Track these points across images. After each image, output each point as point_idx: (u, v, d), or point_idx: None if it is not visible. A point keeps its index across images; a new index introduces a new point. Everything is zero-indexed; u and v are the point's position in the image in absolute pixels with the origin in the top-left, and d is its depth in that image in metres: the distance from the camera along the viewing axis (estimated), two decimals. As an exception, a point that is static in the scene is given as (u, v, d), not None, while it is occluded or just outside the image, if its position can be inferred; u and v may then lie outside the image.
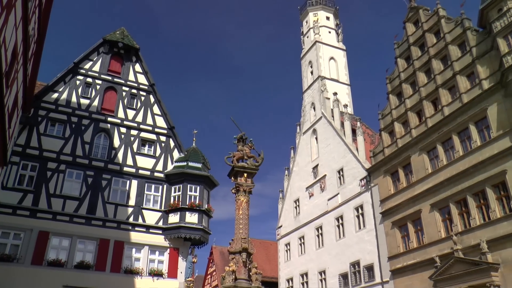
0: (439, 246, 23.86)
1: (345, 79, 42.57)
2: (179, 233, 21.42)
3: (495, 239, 20.64)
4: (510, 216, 20.33)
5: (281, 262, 40.07)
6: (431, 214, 24.88)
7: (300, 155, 41.10)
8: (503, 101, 21.74)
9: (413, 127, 27.67)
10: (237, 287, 13.12)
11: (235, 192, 14.96)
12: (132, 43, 25.03)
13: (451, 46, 25.73)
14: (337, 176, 34.64)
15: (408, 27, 30.14)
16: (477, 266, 20.90)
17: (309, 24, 45.19)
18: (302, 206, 38.73)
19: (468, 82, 24.41)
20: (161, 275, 20.92)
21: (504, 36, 22.02)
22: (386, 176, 29.30)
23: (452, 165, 24.04)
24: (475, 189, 22.42)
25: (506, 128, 21.35)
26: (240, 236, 14.07)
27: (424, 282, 23.93)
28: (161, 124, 24.21)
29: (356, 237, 30.96)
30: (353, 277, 30.42)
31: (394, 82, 30.69)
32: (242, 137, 15.86)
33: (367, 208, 30.57)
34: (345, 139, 34.66)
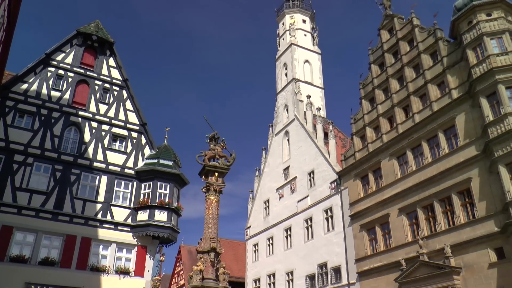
0: (405, 250, 24.37)
1: (319, 82, 42.98)
2: (148, 231, 21.18)
3: (458, 244, 21.26)
4: (473, 222, 20.97)
5: (249, 263, 40.12)
6: (399, 218, 25.39)
7: (271, 156, 41.26)
8: (471, 111, 22.40)
9: (384, 133, 28.16)
10: (204, 287, 13.08)
11: (206, 191, 14.93)
12: (106, 37, 24.59)
13: (423, 55, 26.31)
14: (307, 178, 34.92)
15: (383, 34, 30.66)
16: (441, 269, 21.48)
17: (286, 26, 45.42)
18: (271, 207, 38.88)
19: (439, 91, 25.02)
20: (128, 273, 20.65)
21: (473, 48, 22.68)
22: (356, 179, 29.72)
23: (421, 171, 24.60)
24: (441, 195, 23.02)
25: (472, 137, 22.02)
26: (209, 235, 14.05)
27: (389, 284, 24.39)
28: (133, 120, 23.86)
29: (324, 239, 31.28)
30: (320, 278, 30.74)
31: (367, 88, 31.17)
32: (214, 136, 15.84)
33: (336, 211, 30.93)
34: (317, 142, 34.98)
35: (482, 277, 19.99)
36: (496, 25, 22.28)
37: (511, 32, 22.16)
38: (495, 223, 19.90)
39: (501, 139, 19.79)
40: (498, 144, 19.89)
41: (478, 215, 20.80)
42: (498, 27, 22.21)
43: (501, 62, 21.16)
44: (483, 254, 20.18)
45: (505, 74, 20.79)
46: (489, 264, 19.84)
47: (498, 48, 21.71)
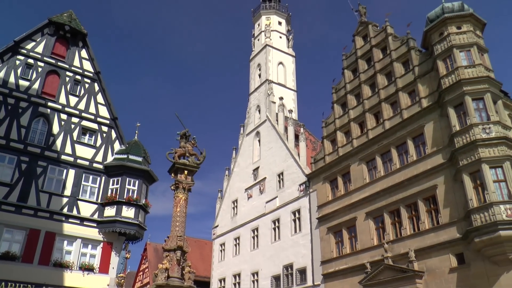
0: (370, 253, 24.82)
1: (292, 84, 43.30)
2: (114, 227, 20.88)
3: (422, 249, 21.82)
4: (437, 228, 21.58)
5: (214, 262, 39.99)
6: (366, 222, 25.84)
7: (241, 156, 41.27)
8: (439, 120, 23.04)
9: (354, 138, 28.60)
10: (169, 285, 13.03)
11: (174, 189, 14.91)
12: (79, 28, 24.06)
13: (396, 63, 26.88)
14: (277, 180, 35.11)
15: (357, 40, 31.14)
16: (404, 273, 21.98)
17: (261, 27, 45.54)
18: (240, 207, 38.89)
19: (409, 99, 25.60)
20: (92, 270, 20.28)
21: (443, 59, 23.32)
22: (325, 183, 30.08)
23: (389, 176, 25.12)
24: (408, 201, 23.57)
25: (439, 146, 22.64)
26: (176, 233, 14.00)
27: (354, 286, 24.79)
28: (104, 114, 23.43)
29: (291, 241, 31.51)
30: (285, 279, 30.94)
31: (339, 92, 31.58)
32: (185, 134, 15.83)
33: (304, 213, 31.22)
34: (287, 144, 35.21)
35: (443, 281, 20.60)
36: (465, 38, 22.99)
37: (479, 46, 22.92)
38: (457, 229, 20.53)
39: (466, 149, 20.43)
40: (463, 154, 20.52)
41: (442, 221, 21.42)
42: (467, 40, 22.92)
43: (468, 74, 21.82)
44: (445, 259, 20.79)
45: (472, 86, 21.47)
46: (449, 269, 20.47)
47: (466, 61, 22.39)
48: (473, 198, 19.58)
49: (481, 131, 20.26)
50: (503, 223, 18.19)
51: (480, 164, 19.62)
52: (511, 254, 18.11)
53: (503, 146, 19.81)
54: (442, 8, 23.97)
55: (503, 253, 18.28)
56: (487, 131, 20.20)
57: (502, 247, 18.24)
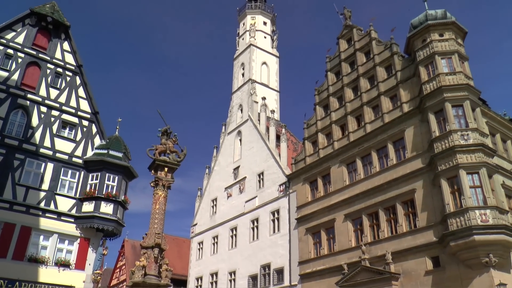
0: (348, 254, 25.07)
1: (275, 85, 43.43)
2: (92, 223, 20.62)
3: (399, 252, 22.16)
4: (415, 231, 21.93)
5: (192, 260, 39.82)
6: (344, 224, 26.08)
7: (222, 155, 41.19)
8: (420, 125, 23.40)
9: (335, 140, 28.83)
10: (145, 283, 12.99)
11: (154, 185, 14.92)
12: (62, 19, 23.65)
13: (379, 67, 27.19)
14: (257, 179, 35.15)
15: (341, 43, 31.39)
16: (381, 275, 22.28)
17: (246, 27, 45.51)
18: (219, 206, 38.81)
19: (391, 104, 25.92)
20: (68, 266, 19.98)
21: (425, 65, 23.68)
22: (305, 184, 30.24)
23: (369, 179, 25.40)
24: (386, 204, 23.88)
25: (419, 151, 23.01)
26: (154, 231, 13.99)
27: (330, 287, 25.00)
28: (85, 108, 23.08)
29: (269, 241, 31.60)
30: (262, 279, 31.01)
31: (322, 94, 31.78)
32: (166, 131, 15.85)
33: (283, 213, 31.33)
34: (268, 144, 35.28)
35: (418, 283, 20.95)
36: (447, 46, 23.40)
37: (460, 54, 23.35)
38: (434, 233, 20.91)
39: (444, 154, 20.81)
40: (442, 159, 20.90)
41: (419, 225, 21.78)
42: (449, 47, 23.33)
43: (449, 81, 22.23)
44: (421, 262, 21.15)
45: (452, 93, 21.88)
46: (425, 272, 20.83)
47: (447, 68, 22.80)
48: (450, 203, 19.96)
49: (459, 138, 20.66)
50: (477, 228, 18.60)
51: (458, 170, 20.02)
52: (484, 258, 18.50)
53: (480, 153, 20.25)
54: (426, 15, 24.36)
55: (477, 257, 18.70)
56: (465, 137, 20.61)
57: (476, 251, 18.67)
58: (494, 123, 24.06)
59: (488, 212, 18.85)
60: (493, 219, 18.69)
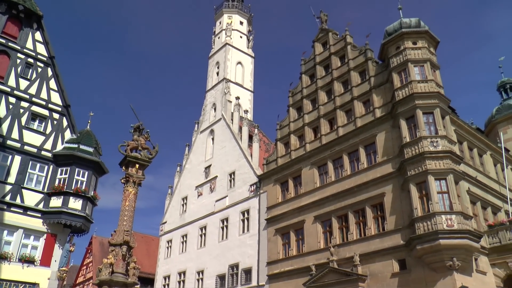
0: (316, 256, 25.33)
1: (249, 85, 43.48)
2: (60, 219, 20.12)
3: (367, 254, 22.57)
4: (383, 234, 22.38)
5: (160, 259, 39.39)
6: (314, 226, 26.34)
7: (194, 153, 40.94)
8: (391, 131, 23.89)
9: (308, 142, 29.09)
10: (112, 281, 12.91)
11: (124, 182, 14.87)
12: (34, 9, 22.97)
13: (353, 72, 27.60)
14: (228, 179, 35.10)
15: (317, 46, 31.70)
16: (348, 276, 22.62)
17: (222, 26, 45.38)
18: (189, 204, 38.56)
19: (364, 108, 26.36)
20: (33, 262, 19.43)
21: (398, 72, 24.20)
22: (276, 184, 30.39)
23: (339, 182, 25.76)
24: (356, 207, 24.27)
25: (390, 156, 23.49)
26: (123, 228, 13.92)
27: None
28: (56, 101, 22.48)
29: (238, 240, 31.60)
30: (230, 279, 30.98)
31: (296, 96, 32.00)
32: (139, 127, 15.82)
33: (253, 213, 31.39)
34: (241, 144, 35.28)
35: (384, 285, 21.39)
36: (420, 54, 23.99)
37: (432, 62, 23.98)
38: (401, 236, 21.40)
39: (414, 160, 21.32)
40: (411, 164, 21.40)
41: (387, 228, 22.23)
42: (421, 56, 23.93)
43: (421, 88, 22.80)
44: (388, 264, 21.60)
45: (423, 100, 22.44)
46: (391, 274, 21.30)
47: (419, 76, 23.37)
48: (418, 207, 20.46)
49: (429, 144, 21.21)
50: (443, 232, 19.15)
51: (427, 176, 20.55)
52: (448, 262, 19.07)
53: (448, 159, 20.86)
54: (400, 23, 24.91)
55: (441, 260, 19.25)
56: (434, 144, 21.18)
57: (441, 254, 19.22)
58: (462, 131, 24.85)
59: (454, 217, 19.43)
60: (458, 224, 19.29)
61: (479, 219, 22.97)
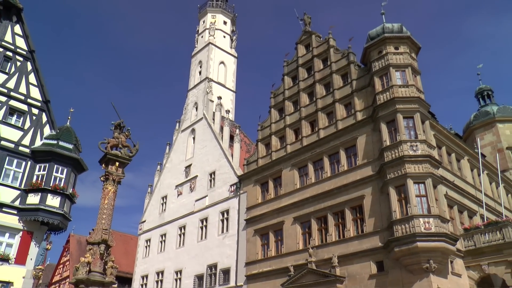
0: (295, 257, 25.43)
1: (231, 85, 43.44)
2: (37, 216, 19.83)
3: (345, 255, 22.76)
4: (361, 236, 22.62)
5: (139, 258, 39.02)
6: (293, 227, 26.45)
7: (175, 152, 40.69)
8: (372, 134, 24.16)
9: (289, 143, 29.20)
10: (89, 280, 12.76)
11: (104, 180, 14.71)
12: (14, 1, 22.57)
13: (335, 75, 27.82)
14: (208, 179, 34.99)
15: (300, 48, 31.84)
16: (326, 277, 22.78)
17: (206, 25, 45.21)
18: (169, 203, 38.31)
19: (345, 111, 26.59)
20: (8, 260, 19.12)
21: (380, 76, 24.51)
22: (256, 185, 30.43)
23: (319, 184, 25.93)
24: (335, 208, 24.46)
25: (370, 158, 23.75)
26: (101, 226, 13.79)
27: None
28: (35, 96, 22.11)
29: (217, 241, 31.53)
30: (208, 279, 30.88)
31: (278, 98, 32.10)
32: (120, 125, 15.66)
33: (232, 214, 31.36)
34: (222, 144, 35.22)
35: (362, 286, 21.63)
36: (401, 59, 24.35)
37: (413, 68, 24.37)
38: (380, 238, 21.67)
39: (394, 163, 21.63)
40: (391, 168, 21.70)
41: (366, 230, 22.48)
42: (403, 61, 24.29)
43: (402, 93, 23.13)
44: (366, 266, 21.83)
45: (404, 105, 22.78)
46: (369, 275, 21.53)
47: (401, 80, 23.72)
48: (397, 210, 20.76)
49: (408, 148, 21.53)
50: (421, 235, 19.48)
51: (406, 179, 20.86)
52: (425, 264, 19.40)
53: (427, 163, 21.21)
54: (383, 27, 25.23)
55: (418, 262, 19.56)
56: (414, 148, 21.51)
57: (418, 257, 19.53)
58: (441, 136, 25.30)
59: (431, 220, 19.78)
60: (435, 227, 19.64)
61: (456, 223, 23.42)
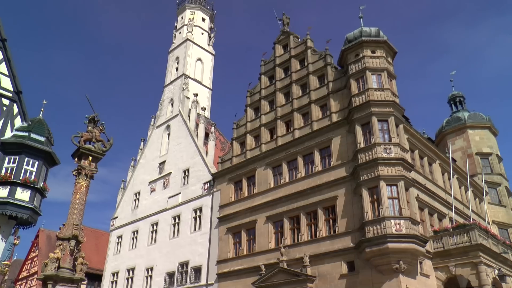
0: (267, 256, 25.54)
1: (208, 82, 43.30)
2: (5, 210, 19.25)
3: (316, 255, 22.98)
4: (333, 236, 22.88)
5: (109, 255, 38.49)
6: (265, 226, 26.53)
7: (149, 148, 40.27)
8: (346, 136, 24.44)
9: (264, 143, 29.28)
10: (58, 276, 12.66)
11: (76, 174, 14.70)
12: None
13: (312, 76, 28.02)
14: (182, 176, 34.79)
15: (277, 48, 31.94)
16: (297, 277, 22.95)
17: (184, 21, 44.92)
18: (142, 200, 37.90)
19: (320, 112, 26.82)
20: (-28, 255, 18.49)
21: (356, 79, 24.81)
22: (230, 183, 30.40)
23: (293, 183, 26.08)
24: (308, 208, 24.66)
25: (344, 160, 24.02)
26: (72, 221, 13.74)
27: (247, 287, 25.30)
28: (6, 86, 21.42)
29: (189, 238, 31.38)
30: (179, 277, 30.70)
31: (254, 97, 32.12)
32: (94, 119, 15.63)
33: (205, 211, 31.26)
34: (196, 141, 35.07)
35: (332, 286, 21.89)
36: (378, 63, 24.71)
37: (389, 72, 24.76)
38: (352, 239, 21.95)
39: (367, 165, 21.95)
40: (364, 169, 22.01)
41: (338, 230, 22.74)
42: (379, 64, 24.66)
43: (377, 96, 23.48)
44: (337, 266, 22.09)
45: (379, 108, 23.14)
46: (340, 275, 21.81)
47: (376, 84, 24.07)
48: (369, 211, 21.09)
49: (382, 151, 21.89)
50: (391, 236, 19.85)
51: (379, 181, 21.20)
52: (395, 265, 19.77)
53: (400, 166, 21.61)
54: (361, 31, 25.54)
55: (388, 263, 19.93)
56: (387, 151, 21.87)
57: (388, 257, 19.89)
58: (414, 140, 25.81)
59: (402, 222, 20.17)
60: (406, 229, 20.03)
61: (426, 225, 23.95)
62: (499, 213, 34.16)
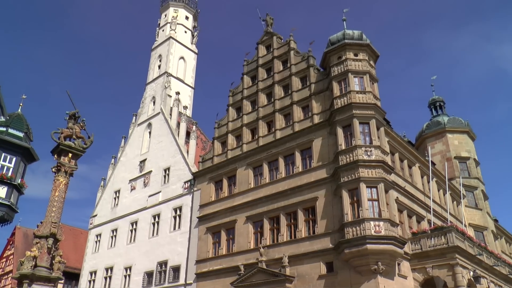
0: (246, 256, 25.55)
1: (190, 81, 43.13)
2: (-20, 206, 18.76)
3: (296, 256, 23.09)
4: (313, 237, 23.01)
5: (88, 253, 38.01)
6: (245, 226, 26.54)
7: (130, 146, 39.90)
8: (328, 137, 24.60)
9: (245, 142, 29.27)
10: (34, 275, 12.47)
11: (56, 171, 14.56)
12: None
13: (294, 77, 28.13)
14: (162, 174, 34.56)
15: (261, 49, 31.95)
16: (276, 277, 23.01)
17: (168, 18, 44.67)
18: (121, 198, 37.53)
19: (302, 113, 26.94)
20: None
21: (338, 81, 24.98)
22: (211, 183, 30.32)
23: (274, 184, 26.15)
24: (288, 209, 24.75)
25: (325, 161, 24.18)
26: (51, 219, 13.58)
27: (225, 287, 25.27)
28: (-17, 79, 21.03)
29: (169, 237, 31.20)
30: (158, 276, 30.49)
31: (236, 96, 32.07)
32: (75, 115, 15.48)
33: (185, 211, 31.12)
34: (178, 140, 34.89)
35: (311, 286, 22.03)
36: (360, 66, 24.94)
37: (371, 75, 25.01)
38: (331, 240, 22.11)
39: (348, 167, 22.13)
40: (345, 171, 22.19)
41: (318, 231, 22.89)
42: (361, 67, 24.88)
43: (359, 99, 23.69)
44: (316, 266, 22.24)
45: (360, 111, 23.36)
46: (319, 276, 21.97)
47: (358, 86, 24.29)
48: (349, 213, 21.26)
49: (363, 153, 22.10)
50: (371, 237, 20.07)
51: (359, 183, 21.40)
52: (373, 266, 19.99)
53: (380, 169, 21.85)
54: (344, 34, 25.75)
55: (367, 264, 20.14)
56: (368, 153, 22.09)
57: (367, 258, 20.10)
58: (395, 143, 26.14)
59: (382, 223, 20.40)
60: (385, 231, 20.26)
61: (405, 227, 24.25)
62: (475, 216, 34.88)
